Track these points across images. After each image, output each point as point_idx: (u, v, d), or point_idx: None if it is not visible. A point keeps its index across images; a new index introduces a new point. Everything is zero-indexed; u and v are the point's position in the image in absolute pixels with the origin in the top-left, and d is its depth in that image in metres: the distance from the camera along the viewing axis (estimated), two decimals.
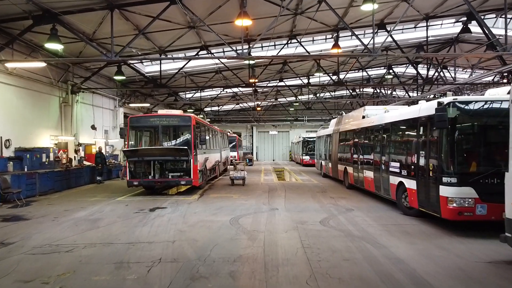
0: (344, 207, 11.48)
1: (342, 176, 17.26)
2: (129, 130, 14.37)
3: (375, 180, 12.49)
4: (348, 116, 17.86)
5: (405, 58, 27.07)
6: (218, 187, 17.26)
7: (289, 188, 16.52)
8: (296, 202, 12.48)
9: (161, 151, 13.71)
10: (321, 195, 14.42)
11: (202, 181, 15.69)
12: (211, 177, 19.39)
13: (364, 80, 29.10)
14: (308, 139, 35.21)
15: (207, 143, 17.97)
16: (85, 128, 20.75)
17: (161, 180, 14.01)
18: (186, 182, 14.01)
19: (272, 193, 14.80)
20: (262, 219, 9.59)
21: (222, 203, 12.25)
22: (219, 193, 15.01)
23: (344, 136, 17.47)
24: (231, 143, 36.46)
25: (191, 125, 14.18)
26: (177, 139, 15.68)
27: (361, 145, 14.45)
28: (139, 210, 11.23)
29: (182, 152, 13.55)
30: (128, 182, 14.02)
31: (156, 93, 27.25)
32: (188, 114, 14.52)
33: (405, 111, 10.93)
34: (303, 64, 25.95)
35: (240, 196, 14.01)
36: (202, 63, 23.75)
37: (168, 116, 14.31)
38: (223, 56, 13.37)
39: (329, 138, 21.05)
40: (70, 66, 18.95)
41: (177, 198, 13.51)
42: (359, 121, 15.13)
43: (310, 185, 17.86)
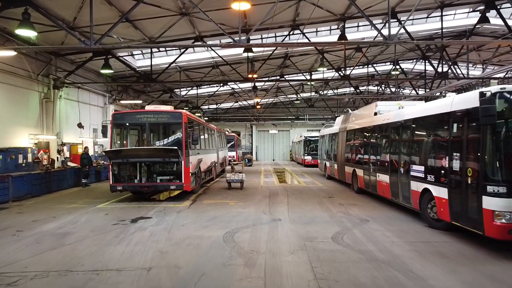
0: (358, 217, 9.89)
1: (350, 179, 15.68)
2: (112, 128, 12.78)
3: (391, 185, 10.90)
4: (357, 113, 16.28)
5: (413, 53, 25.64)
6: (214, 191, 15.66)
7: (292, 193, 14.93)
8: (301, 211, 10.89)
9: (148, 152, 12.12)
10: (328, 201, 12.84)
11: (195, 185, 14.11)
12: (206, 180, 17.81)
13: (369, 77, 27.39)
14: (310, 139, 33.62)
15: (202, 143, 16.37)
16: (71, 127, 19.15)
17: (148, 185, 12.42)
18: (176, 187, 12.42)
19: (273, 199, 13.21)
20: (262, 234, 8.00)
21: (216, 212, 10.66)
22: (214, 198, 13.42)
23: (352, 135, 15.88)
24: (230, 143, 34.86)
25: (182, 123, 12.59)
26: (166, 138, 14.08)
27: (374, 145, 12.87)
28: (119, 221, 9.63)
29: (171, 153, 11.97)
30: (111, 186, 12.44)
31: (149, 89, 25.65)
32: (179, 111, 12.94)
33: (431, 105, 9.33)
34: (306, 58, 24.36)
35: (237, 202, 12.43)
36: (198, 57, 22.16)
37: (156, 113, 12.72)
38: (219, 45, 11.73)
39: (334, 137, 19.46)
40: (52, 59, 17.33)
41: (166, 205, 11.92)
42: (370, 118, 13.55)
43: (315, 189, 16.27)
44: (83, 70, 20.06)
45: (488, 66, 26.12)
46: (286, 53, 22.76)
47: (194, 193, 14.41)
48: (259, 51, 19.99)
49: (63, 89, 18.24)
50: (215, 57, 21.98)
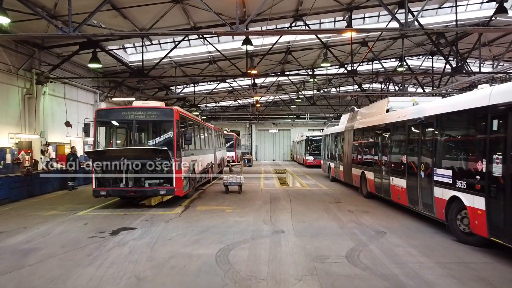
0: (372, 228, 8.61)
1: (358, 182, 14.40)
2: (96, 126, 11.49)
3: (409, 190, 9.62)
4: (365, 111, 15.00)
5: (421, 48, 24.35)
6: (210, 195, 14.38)
7: (295, 197, 13.65)
8: (306, 219, 9.61)
9: (134, 153, 10.84)
10: (335, 207, 11.56)
11: (189, 189, 12.83)
12: (202, 183, 16.53)
13: (377, 73, 26.08)
14: (312, 138, 32.36)
15: (197, 143, 15.09)
16: (57, 125, 17.86)
17: (135, 190, 11.12)
18: (166, 192, 11.13)
19: (274, 205, 11.93)
20: (262, 252, 6.71)
21: (210, 221, 9.38)
22: (209, 204, 12.14)
23: (360, 134, 14.60)
24: (228, 142, 33.57)
25: (173, 120, 11.30)
26: (156, 138, 12.78)
27: (386, 145, 11.59)
28: (98, 232, 8.35)
29: (161, 154, 10.68)
30: (94, 191, 11.15)
31: (143, 86, 24.35)
32: (169, 107, 11.65)
33: (461, 99, 8.05)
34: (308, 53, 23.05)
35: (235, 209, 11.14)
36: (194, 51, 20.88)
37: (144, 109, 11.42)
38: (213, 32, 10.45)
39: (339, 137, 18.18)
40: (36, 52, 16.04)
41: (154, 213, 10.63)
42: (381, 116, 12.27)
43: (319, 193, 14.99)
44: (71, 65, 18.78)
45: (499, 63, 24.86)
46: (288, 48, 21.47)
47: (187, 198, 13.14)
48: (259, 45, 18.74)
49: (48, 84, 16.95)
50: (212, 52, 20.71)
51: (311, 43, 21.44)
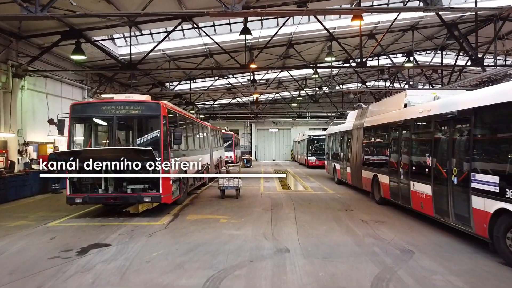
0: (395, 245, 7.12)
1: (368, 186, 12.91)
2: (71, 122, 10.00)
3: (435, 198, 8.13)
4: (377, 107, 13.52)
5: (430, 42, 22.82)
6: (203, 201, 12.87)
7: (299, 203, 12.16)
8: (315, 233, 8.12)
9: (114, 154, 9.33)
10: (346, 216, 10.07)
11: (179, 194, 11.34)
12: (196, 186, 15.03)
13: (385, 67, 24.49)
14: (314, 137, 30.86)
15: (189, 142, 13.60)
16: (39, 123, 16.32)
17: (116, 196, 9.62)
18: (152, 199, 9.64)
19: (276, 213, 10.44)
20: (263, 283, 5.22)
21: (201, 236, 7.89)
22: (201, 212, 10.63)
23: (371, 132, 13.13)
24: (227, 142, 32.07)
25: (160, 116, 9.80)
26: (140, 137, 11.28)
27: (405, 145, 10.10)
28: (63, 251, 6.87)
29: (144, 155, 9.18)
30: (68, 198, 9.66)
31: (135, 82, 22.81)
32: (156, 101, 10.15)
33: (506, 87, 6.56)
34: (311, 47, 21.55)
35: (231, 219, 9.64)
36: (188, 43, 19.38)
37: (126, 103, 9.91)
38: (205, 13, 8.94)
39: (346, 136, 16.69)
40: (13, 42, 14.53)
41: (137, 223, 9.14)
42: (398, 112, 10.78)
43: (326, 198, 13.49)
44: (55, 58, 17.29)
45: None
46: (290, 40, 19.99)
47: (178, 204, 11.66)
48: (257, 36, 17.29)
49: (28, 78, 15.45)
50: (209, 44, 19.25)
51: (315, 35, 19.98)
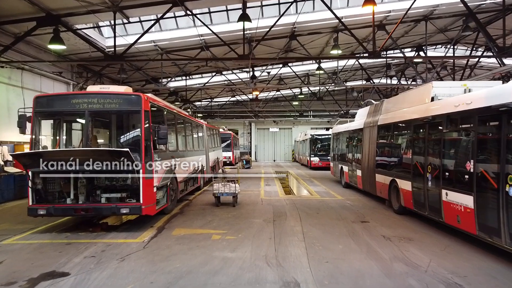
0: (436, 276, 5.49)
1: (384, 193, 11.29)
2: (34, 119, 8.38)
3: (480, 213, 6.52)
4: (394, 102, 11.88)
5: (442, 35, 21.16)
6: (196, 209, 11.23)
7: (305, 212, 10.53)
8: (329, 255, 6.49)
9: (84, 157, 7.71)
10: (363, 230, 8.45)
11: (167, 203, 9.72)
12: (189, 191, 13.40)
13: (402, 57, 22.72)
14: (317, 137, 29.22)
15: (180, 142, 11.98)
16: (15, 121, 14.65)
17: (87, 207, 7.99)
18: (130, 210, 8.01)
19: (280, 226, 8.81)
20: None
21: (186, 261, 6.25)
22: (190, 225, 8.99)
23: (388, 130, 11.50)
24: (225, 142, 30.47)
25: (141, 111, 8.16)
26: (118, 136, 9.64)
27: (435, 146, 8.48)
28: (4, 285, 5.26)
29: (121, 158, 7.56)
30: (29, 210, 8.03)
31: (125, 76, 21.10)
32: (136, 93, 8.51)
33: None
34: (316, 39, 19.90)
35: (225, 234, 8.02)
36: (182, 34, 17.73)
37: (101, 96, 8.27)
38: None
39: (356, 135, 15.08)
40: None
41: (111, 240, 7.51)
42: (424, 106, 9.15)
43: (335, 205, 11.86)
44: (35, 49, 15.66)
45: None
46: (292, 31, 18.37)
47: (166, 213, 10.04)
48: (257, 27, 15.68)
49: (1, 70, 13.84)
50: (204, 35, 17.63)
51: (320, 26, 18.36)
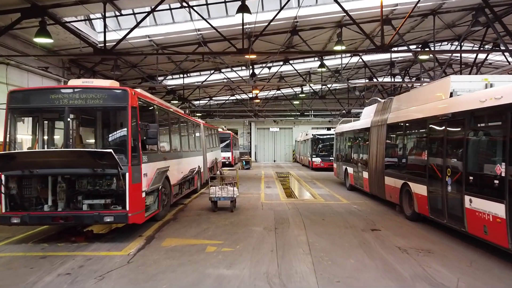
0: None
1: (395, 197, 10.41)
2: (8, 115, 7.51)
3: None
4: (407, 98, 11.00)
5: (449, 31, 20.29)
6: (190, 215, 10.35)
7: (310, 219, 9.67)
8: (340, 273, 5.63)
9: (63, 158, 6.84)
10: (375, 239, 7.58)
11: (158, 209, 8.85)
12: (184, 195, 12.54)
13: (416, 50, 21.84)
14: (319, 137, 28.34)
15: (174, 142, 11.12)
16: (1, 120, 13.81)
17: (66, 215, 7.12)
18: (115, 218, 7.13)
19: (282, 235, 7.95)
20: None
21: (174, 281, 5.37)
22: (184, 234, 8.11)
23: (399, 129, 10.63)
24: (224, 142, 29.65)
25: (128, 107, 7.30)
26: (103, 135, 8.77)
27: (456, 146, 7.62)
28: None
29: (102, 160, 6.69)
30: (1, 218, 7.17)
31: (119, 73, 20.22)
32: (122, 87, 7.63)
33: None
34: (318, 34, 19.03)
35: (222, 245, 7.15)
36: (178, 28, 16.84)
37: (84, 90, 7.39)
38: None
39: (361, 135, 14.22)
40: None
41: (91, 254, 6.64)
42: (443, 103, 8.28)
43: (341, 210, 11.00)
44: (23, 44, 14.79)
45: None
46: (294, 25, 17.48)
47: (157, 220, 9.19)
48: (256, 21, 14.85)
49: None
50: (201, 30, 16.77)
51: (323, 20, 17.49)
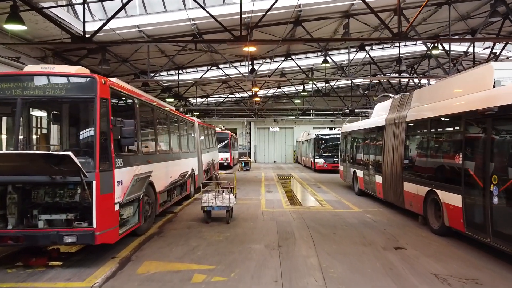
0: None
1: (418, 207, 8.94)
2: None
3: None
4: (434, 92, 9.49)
5: (463, 24, 18.84)
6: (179, 228, 8.85)
7: (319, 232, 8.21)
8: None
9: (11, 162, 5.38)
10: (402, 263, 6.12)
11: (138, 222, 7.39)
12: (175, 201, 11.07)
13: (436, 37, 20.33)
14: (322, 137, 26.87)
15: (160, 142, 9.66)
16: None
17: (16, 235, 5.65)
18: (78, 239, 5.65)
19: (288, 256, 6.48)
20: None
21: None
22: (167, 255, 6.63)
23: (424, 128, 9.14)
24: (222, 142, 28.22)
25: (96, 99, 5.83)
26: (70, 134, 7.29)
27: (504, 149, 6.17)
28: None
29: (60, 166, 5.22)
30: None
31: (107, 68, 18.66)
32: (90, 74, 6.16)
33: None
34: (323, 26, 17.53)
35: (213, 272, 5.67)
36: (170, 18, 15.35)
37: (41, 78, 5.96)
38: None
39: (373, 134, 12.76)
40: None
41: (44, 286, 5.19)
42: (482, 95, 6.82)
43: (354, 221, 9.52)
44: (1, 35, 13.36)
45: None
46: (298, 15, 16.02)
47: (138, 235, 7.73)
48: (253, 10, 13.37)
49: None
50: (196, 19, 15.31)
51: (329, 9, 16.03)
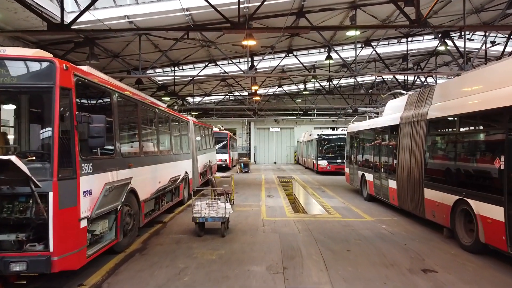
0: None
1: (443, 218, 7.72)
2: None
3: None
4: (461, 85, 8.25)
5: (476, 17, 17.63)
6: (166, 242, 7.62)
7: (330, 249, 7.00)
8: None
9: None
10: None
11: (116, 238, 6.17)
12: (165, 209, 9.85)
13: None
14: (325, 137, 25.66)
15: (145, 142, 8.43)
16: None
17: None
18: (29, 266, 4.45)
19: (295, 283, 5.27)
20: None
21: None
22: (147, 283, 5.35)
23: (450, 126, 7.96)
24: (220, 143, 27.03)
25: (54, 88, 4.63)
26: (22, 133, 6.06)
27: None
28: None
29: (2, 174, 4.00)
30: None
31: (96, 62, 17.41)
32: (47, 57, 4.96)
33: None
34: (329, 17, 16.31)
35: None
36: (162, 8, 14.07)
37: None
38: None
39: (385, 134, 11.55)
40: None
41: None
42: None
43: (368, 233, 8.31)
44: None
45: None
46: (301, 5, 14.82)
47: (117, 252, 6.51)
48: None
49: None
50: (190, 9, 14.11)
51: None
